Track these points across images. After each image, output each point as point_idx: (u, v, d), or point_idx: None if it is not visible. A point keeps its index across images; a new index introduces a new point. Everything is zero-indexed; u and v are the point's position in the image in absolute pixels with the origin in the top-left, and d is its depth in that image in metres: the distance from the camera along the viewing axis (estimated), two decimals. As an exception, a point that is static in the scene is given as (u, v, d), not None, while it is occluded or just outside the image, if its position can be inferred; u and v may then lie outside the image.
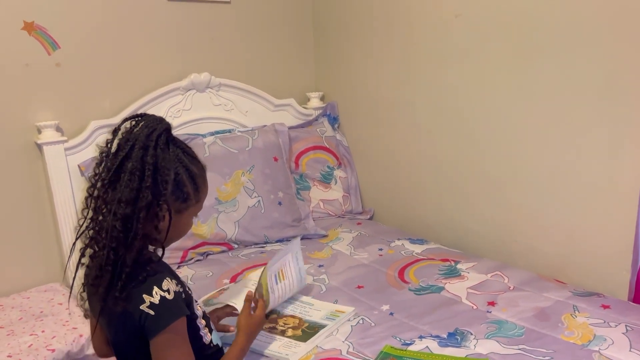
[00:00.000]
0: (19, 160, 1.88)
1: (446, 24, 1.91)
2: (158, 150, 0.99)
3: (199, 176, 1.08)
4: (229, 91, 2.29)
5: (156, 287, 0.99)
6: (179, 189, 1.03)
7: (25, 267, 1.93)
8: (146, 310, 0.98)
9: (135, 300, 0.98)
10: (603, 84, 1.52)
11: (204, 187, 1.09)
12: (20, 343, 1.54)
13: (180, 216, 1.07)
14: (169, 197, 1.02)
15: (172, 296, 1.00)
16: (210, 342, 1.15)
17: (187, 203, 1.06)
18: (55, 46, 1.90)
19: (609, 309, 1.42)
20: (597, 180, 1.59)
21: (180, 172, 1.03)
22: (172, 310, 1.00)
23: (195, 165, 1.08)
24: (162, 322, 0.98)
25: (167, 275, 1.03)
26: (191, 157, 1.08)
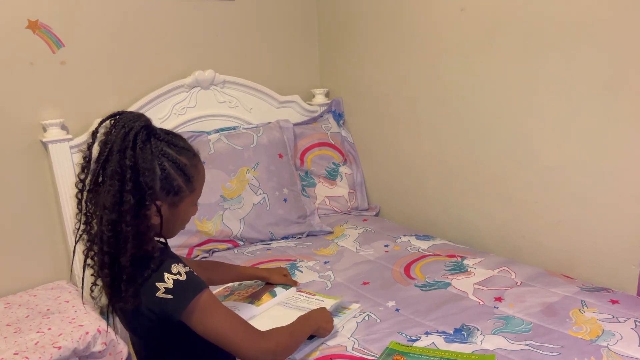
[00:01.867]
0: (24, 159, 1.88)
1: (451, 18, 1.89)
2: (137, 151, 0.97)
3: (190, 165, 1.05)
4: (234, 88, 2.28)
5: (166, 273, 1.00)
6: (168, 184, 1.02)
7: (32, 265, 1.94)
8: (164, 297, 0.98)
9: (149, 293, 0.99)
10: (609, 78, 1.50)
11: (197, 175, 1.07)
12: (27, 340, 1.54)
13: (177, 209, 1.06)
14: (159, 194, 1.01)
15: (184, 277, 1.01)
16: None
17: (180, 195, 1.05)
18: (60, 44, 1.90)
19: (617, 304, 1.40)
20: (604, 174, 1.57)
21: (167, 166, 1.01)
22: (190, 287, 1.01)
23: (184, 155, 1.05)
24: (184, 301, 0.99)
25: (175, 261, 1.04)
26: (178, 147, 1.05)
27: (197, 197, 1.10)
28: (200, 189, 1.10)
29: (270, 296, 1.47)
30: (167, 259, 1.05)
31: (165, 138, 1.03)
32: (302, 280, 1.66)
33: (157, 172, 1.00)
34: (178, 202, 1.05)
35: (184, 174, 1.04)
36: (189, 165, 1.05)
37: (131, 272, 0.99)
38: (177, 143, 1.05)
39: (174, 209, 1.05)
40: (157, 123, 2.02)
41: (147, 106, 2.07)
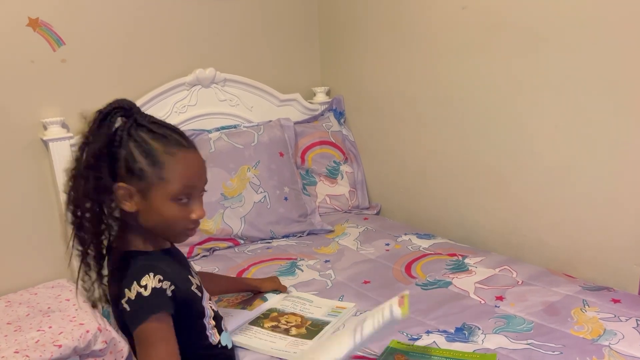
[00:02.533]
0: (25, 157, 1.88)
1: (453, 17, 1.89)
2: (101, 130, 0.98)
3: (162, 151, 0.99)
4: (234, 86, 2.28)
5: (136, 282, 0.98)
6: (130, 166, 0.98)
7: (32, 263, 1.94)
8: (124, 305, 0.99)
9: (121, 293, 1.00)
10: (611, 76, 1.50)
11: (171, 163, 1.00)
12: (27, 339, 1.54)
13: (148, 199, 1.00)
14: (125, 177, 0.99)
15: (148, 292, 0.97)
16: (218, 343, 1.14)
17: (146, 182, 0.99)
18: (60, 42, 1.89)
19: (619, 303, 1.40)
20: (606, 173, 1.57)
21: (131, 147, 0.98)
22: (146, 307, 0.98)
23: (159, 141, 1.00)
24: (137, 318, 0.98)
25: (152, 270, 1.00)
26: (155, 133, 1.00)
27: (172, 190, 1.00)
28: (176, 181, 1.00)
29: (262, 301, 1.47)
30: (149, 264, 1.02)
31: (147, 125, 1.01)
32: (303, 279, 1.66)
33: (122, 153, 0.98)
34: (146, 190, 1.00)
35: (151, 158, 0.99)
36: (161, 151, 0.99)
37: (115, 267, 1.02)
38: (158, 130, 1.01)
39: (145, 199, 1.01)
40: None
41: (148, 104, 2.07)
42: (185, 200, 1.03)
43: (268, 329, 1.35)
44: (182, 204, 1.02)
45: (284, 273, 1.70)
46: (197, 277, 1.17)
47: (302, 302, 1.49)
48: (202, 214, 1.05)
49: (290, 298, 1.51)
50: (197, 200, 1.05)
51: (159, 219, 1.03)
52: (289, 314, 1.42)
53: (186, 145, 1.03)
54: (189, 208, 1.04)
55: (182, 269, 1.12)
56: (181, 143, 1.03)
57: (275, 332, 1.34)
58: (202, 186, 1.07)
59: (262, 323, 1.38)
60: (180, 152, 1.02)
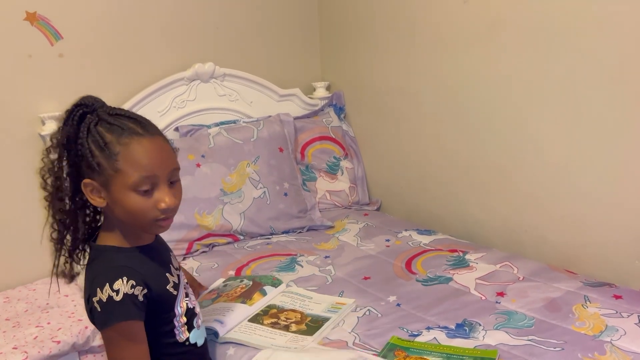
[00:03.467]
0: (23, 152, 1.87)
1: (454, 11, 1.87)
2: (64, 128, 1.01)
3: (115, 142, 0.98)
4: (234, 81, 2.26)
5: (108, 284, 0.98)
6: (89, 162, 0.98)
7: (30, 259, 1.92)
8: (95, 304, 0.99)
9: (91, 290, 1.00)
10: (614, 72, 1.48)
11: (124, 153, 0.97)
12: (25, 335, 1.54)
13: (111, 193, 0.99)
14: (87, 172, 1.00)
15: (120, 297, 0.98)
16: (186, 340, 1.12)
17: (104, 175, 0.98)
18: (58, 37, 1.88)
19: (620, 299, 1.39)
20: (607, 169, 1.56)
21: (88, 142, 0.98)
22: (116, 312, 0.98)
23: (113, 132, 0.98)
24: (105, 321, 1.00)
25: (125, 274, 1.00)
26: (111, 124, 0.99)
27: (129, 180, 0.98)
28: (132, 170, 0.97)
29: (261, 295, 1.46)
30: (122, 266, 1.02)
31: (108, 119, 1.00)
32: (303, 274, 1.65)
33: (82, 149, 0.99)
34: (107, 183, 0.99)
35: (106, 151, 0.97)
36: (114, 142, 0.98)
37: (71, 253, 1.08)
38: (115, 121, 1.00)
39: (108, 192, 1.00)
40: (157, 116, 2.06)
41: (147, 99, 2.06)
42: (148, 189, 0.99)
43: (267, 325, 1.34)
44: (145, 193, 0.99)
45: (284, 269, 1.69)
46: (176, 274, 1.14)
47: (301, 298, 1.48)
48: (171, 202, 1.01)
49: (289, 294, 1.50)
50: (163, 188, 1.01)
51: (125, 212, 1.01)
52: (288, 311, 1.41)
53: (141, 133, 1.00)
54: (155, 197, 1.00)
55: (159, 267, 1.10)
56: (136, 131, 0.99)
57: (275, 328, 1.33)
58: (166, 173, 1.01)
59: (262, 320, 1.37)
60: (134, 141, 0.99)
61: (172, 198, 1.01)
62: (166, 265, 1.13)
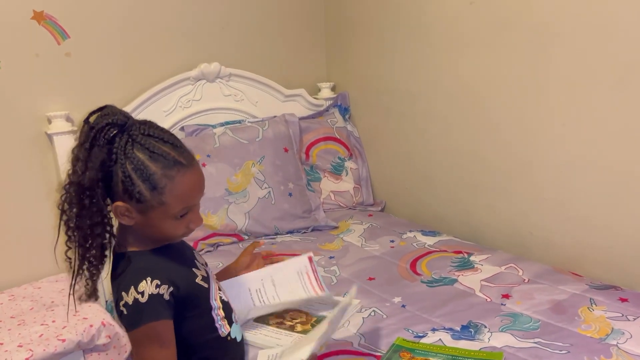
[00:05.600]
0: (29, 151, 1.88)
1: (460, 12, 1.87)
2: (95, 148, 0.95)
3: (160, 175, 0.96)
4: (239, 81, 2.26)
5: (133, 287, 0.99)
6: (129, 189, 0.96)
7: (36, 257, 1.93)
8: (122, 308, 1.00)
9: (118, 295, 1.01)
10: (621, 73, 1.48)
11: (170, 186, 0.97)
12: (31, 333, 1.54)
13: (147, 217, 1.00)
14: (122, 196, 0.98)
15: (145, 299, 0.98)
16: (227, 335, 1.13)
17: (144, 204, 0.98)
18: (65, 36, 1.89)
19: (626, 302, 1.38)
20: (614, 171, 1.55)
21: (128, 169, 0.95)
22: (143, 313, 0.99)
23: (157, 162, 0.97)
24: (132, 323, 1.00)
25: (149, 275, 1.00)
26: (153, 152, 0.97)
27: (173, 211, 0.99)
28: (177, 203, 0.99)
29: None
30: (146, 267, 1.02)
31: (142, 140, 0.97)
32: (308, 275, 1.65)
33: (119, 174, 0.96)
34: (145, 210, 0.99)
35: (149, 182, 0.96)
36: (159, 174, 0.96)
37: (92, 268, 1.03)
38: (155, 148, 0.97)
39: (144, 216, 1.00)
40: (162, 116, 2.07)
41: (152, 99, 2.06)
42: (185, 214, 1.03)
43: (273, 325, 1.34)
44: (181, 218, 1.03)
45: (289, 269, 1.69)
46: (203, 268, 1.15)
47: None
48: (200, 222, 1.07)
49: None
50: (196, 211, 1.05)
51: (157, 232, 1.04)
52: (294, 311, 1.41)
53: (185, 164, 1.00)
54: (188, 219, 1.04)
55: (183, 264, 1.10)
56: (180, 162, 0.99)
57: (281, 328, 1.33)
58: (200, 199, 1.06)
59: (268, 320, 1.37)
60: (179, 173, 0.98)
61: (201, 218, 1.07)
62: (190, 261, 1.13)
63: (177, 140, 1.02)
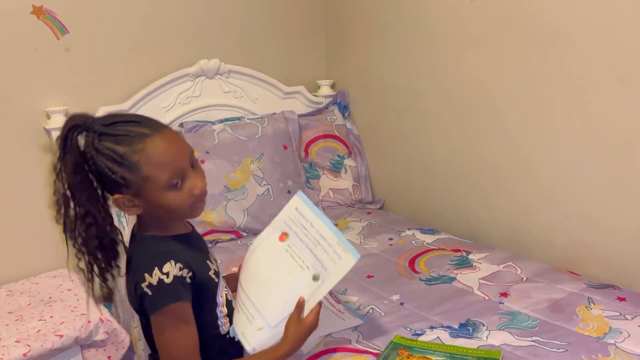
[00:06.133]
0: (28, 146, 1.87)
1: (461, 10, 1.87)
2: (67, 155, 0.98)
3: (130, 152, 0.96)
4: (239, 78, 2.26)
5: (157, 268, 0.99)
6: (112, 179, 0.97)
7: (34, 252, 1.93)
8: (145, 289, 1.00)
9: (139, 276, 1.00)
10: (620, 72, 1.48)
11: (144, 159, 0.96)
12: (28, 328, 1.54)
13: (145, 199, 1.00)
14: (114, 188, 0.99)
15: (170, 280, 0.99)
16: (227, 334, 1.14)
17: (133, 187, 0.98)
18: (64, 31, 1.88)
19: (624, 301, 1.38)
20: (612, 170, 1.55)
21: (103, 162, 0.96)
22: (168, 294, 0.99)
23: (123, 143, 0.96)
24: (157, 303, 1.00)
25: (173, 257, 1.01)
26: (114, 135, 0.96)
27: (161, 182, 0.98)
28: (159, 172, 0.98)
29: None
30: (172, 250, 1.03)
31: (104, 130, 0.97)
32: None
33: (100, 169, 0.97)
34: (138, 192, 0.99)
35: (125, 164, 0.96)
36: (129, 151, 0.96)
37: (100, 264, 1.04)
38: (116, 131, 0.97)
39: (143, 199, 1.00)
40: (162, 112, 2.07)
41: (151, 95, 2.05)
42: (179, 181, 1.01)
43: None
44: (178, 186, 1.01)
45: (287, 266, 1.69)
46: (215, 263, 1.17)
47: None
48: (202, 184, 1.04)
49: None
50: (191, 175, 1.02)
51: (164, 210, 1.03)
52: None
53: (149, 133, 0.98)
54: (188, 186, 1.02)
55: (200, 254, 1.12)
56: (143, 133, 0.98)
57: None
58: (187, 160, 1.02)
59: None
60: (147, 144, 0.97)
61: (202, 181, 1.04)
62: (205, 253, 1.15)
63: (140, 117, 1.03)
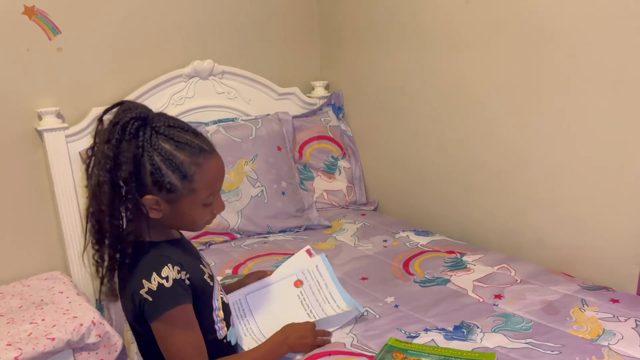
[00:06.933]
0: (19, 147, 1.86)
1: (456, 11, 1.87)
2: (122, 143, 0.95)
3: (189, 162, 0.99)
4: (233, 79, 2.25)
5: (155, 273, 0.99)
6: (159, 180, 0.98)
7: (26, 254, 1.92)
8: (144, 296, 0.99)
9: (135, 284, 1.00)
10: (615, 76, 1.48)
11: (199, 173, 1.00)
12: (20, 331, 1.52)
13: (175, 207, 1.01)
14: (151, 189, 0.98)
15: (170, 284, 0.99)
16: (224, 338, 1.13)
17: (175, 194, 0.99)
18: (56, 31, 1.86)
19: (618, 303, 1.39)
20: (606, 172, 1.56)
21: (157, 161, 0.97)
22: (169, 298, 0.99)
23: (183, 151, 0.99)
24: (159, 309, 0.99)
25: (169, 261, 1.01)
26: (178, 141, 0.99)
27: (201, 198, 1.02)
28: (205, 189, 1.02)
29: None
30: (168, 255, 1.03)
31: (166, 131, 0.99)
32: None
33: (147, 166, 0.97)
34: (175, 200, 1.01)
35: (179, 171, 0.98)
36: (188, 162, 0.99)
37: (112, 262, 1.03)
38: (179, 137, 0.99)
39: (173, 207, 1.01)
40: (155, 113, 2.05)
41: (145, 95, 2.04)
42: (211, 201, 1.06)
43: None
44: (209, 205, 1.05)
45: (281, 268, 1.68)
46: (208, 267, 1.17)
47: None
48: (223, 208, 1.09)
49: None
50: (219, 197, 1.09)
51: (186, 221, 1.06)
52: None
53: (209, 150, 1.04)
54: (214, 205, 1.07)
55: (193, 259, 1.12)
56: (204, 149, 1.02)
57: None
58: (222, 184, 1.10)
59: None
60: (206, 160, 1.02)
61: (222, 203, 1.10)
62: (198, 258, 1.15)
63: (196, 129, 1.06)
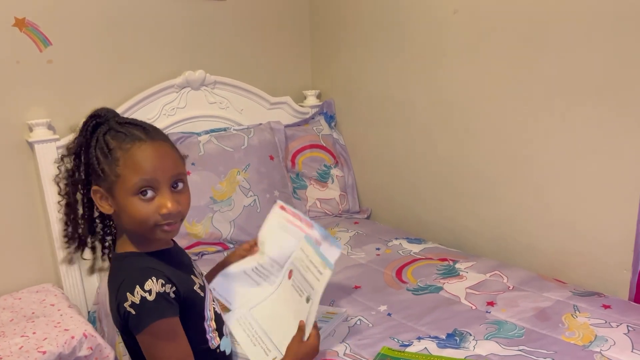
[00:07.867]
0: (10, 159, 1.85)
1: (444, 21, 1.89)
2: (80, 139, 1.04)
3: (117, 148, 0.99)
4: (224, 89, 2.25)
5: (138, 286, 0.97)
6: (95, 169, 1.01)
7: (16, 267, 1.90)
8: (128, 309, 0.98)
9: (121, 297, 0.99)
10: (603, 80, 1.50)
11: (124, 158, 0.98)
12: (10, 345, 1.50)
13: (115, 199, 1.00)
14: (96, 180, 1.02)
15: (152, 297, 0.97)
16: (217, 348, 1.12)
17: (108, 181, 0.99)
18: (47, 43, 1.86)
19: (610, 309, 1.40)
20: (597, 178, 1.57)
21: (96, 151, 1.01)
22: (151, 311, 0.97)
23: (116, 139, 1.00)
24: (143, 322, 0.98)
25: (153, 273, 0.99)
26: (117, 131, 1.01)
27: (129, 185, 0.98)
28: (131, 174, 0.97)
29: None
30: (147, 267, 1.01)
31: (116, 127, 1.02)
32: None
33: (91, 158, 1.02)
34: (111, 189, 1.00)
35: (109, 157, 0.99)
36: (116, 147, 0.99)
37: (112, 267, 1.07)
38: (120, 129, 1.01)
39: (113, 198, 1.01)
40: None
41: (136, 106, 2.04)
42: (149, 194, 0.99)
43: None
44: (147, 199, 0.99)
45: (274, 278, 1.68)
46: (201, 277, 1.14)
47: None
48: (173, 207, 0.99)
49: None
50: (165, 193, 1.00)
51: (129, 218, 1.00)
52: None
53: (144, 138, 1.00)
54: (157, 203, 0.99)
55: (182, 270, 1.09)
56: (138, 137, 1.00)
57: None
58: (167, 177, 1.00)
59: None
60: (135, 146, 0.99)
61: (174, 203, 1.00)
62: (189, 268, 1.13)
63: (151, 126, 1.05)
